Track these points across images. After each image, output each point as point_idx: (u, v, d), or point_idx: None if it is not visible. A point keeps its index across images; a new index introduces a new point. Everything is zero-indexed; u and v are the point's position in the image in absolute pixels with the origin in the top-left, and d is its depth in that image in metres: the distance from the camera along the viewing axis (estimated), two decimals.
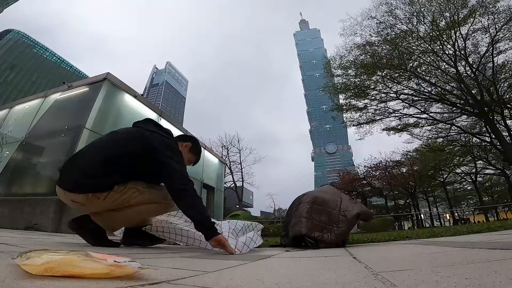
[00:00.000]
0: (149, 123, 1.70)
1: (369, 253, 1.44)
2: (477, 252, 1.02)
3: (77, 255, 0.54)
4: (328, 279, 0.62)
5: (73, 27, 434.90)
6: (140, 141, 1.54)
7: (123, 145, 1.53)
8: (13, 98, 59.88)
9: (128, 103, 5.59)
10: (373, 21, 14.82)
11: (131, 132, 1.63)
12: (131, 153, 1.50)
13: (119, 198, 1.48)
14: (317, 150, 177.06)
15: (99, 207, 1.49)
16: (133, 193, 1.51)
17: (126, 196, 1.49)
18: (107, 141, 1.60)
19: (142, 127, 1.65)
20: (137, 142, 1.53)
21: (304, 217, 1.99)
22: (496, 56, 13.13)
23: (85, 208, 1.50)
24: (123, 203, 1.50)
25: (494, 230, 2.83)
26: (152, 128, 1.65)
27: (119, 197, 1.48)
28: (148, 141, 1.54)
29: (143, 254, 1.24)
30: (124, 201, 1.50)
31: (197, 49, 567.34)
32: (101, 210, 1.51)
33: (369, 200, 24.72)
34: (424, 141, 17.73)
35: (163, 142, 1.57)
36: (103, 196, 1.44)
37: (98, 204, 1.46)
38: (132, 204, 1.52)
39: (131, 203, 1.51)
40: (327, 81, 18.25)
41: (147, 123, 1.70)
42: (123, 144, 1.54)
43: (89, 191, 1.43)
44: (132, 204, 1.52)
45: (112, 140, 1.59)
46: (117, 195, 1.47)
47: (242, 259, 1.15)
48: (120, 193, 1.48)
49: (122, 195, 1.48)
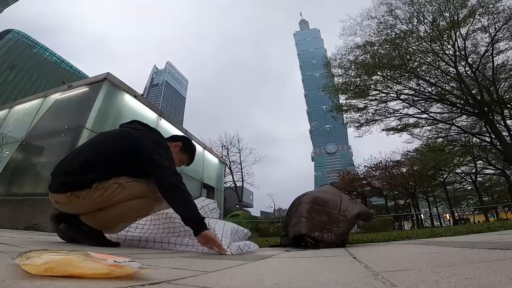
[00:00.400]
0: (135, 123, 1.69)
1: (369, 253, 1.43)
2: (477, 252, 1.02)
3: (77, 255, 0.54)
4: (328, 279, 0.62)
5: (73, 27, 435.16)
6: (125, 139, 1.51)
7: (106, 144, 1.51)
8: (13, 98, 59.89)
9: (128, 103, 5.59)
10: (373, 21, 14.85)
11: (115, 132, 1.62)
12: (115, 152, 1.47)
13: (100, 196, 1.42)
14: (317, 150, 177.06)
15: (81, 207, 1.44)
16: (116, 189, 1.44)
17: (108, 193, 1.43)
18: (90, 142, 1.61)
19: (128, 127, 1.63)
20: (122, 140, 1.51)
21: (304, 217, 1.99)
22: (496, 56, 13.16)
23: (68, 208, 1.46)
24: (107, 201, 1.44)
25: (494, 230, 2.83)
26: (139, 127, 1.64)
27: (100, 194, 1.41)
28: (134, 138, 1.51)
29: (143, 254, 1.24)
30: (107, 198, 1.43)
31: (197, 49, 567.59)
32: (86, 211, 1.47)
33: (369, 200, 24.71)
34: (424, 141, 17.75)
35: (150, 138, 1.55)
36: (83, 195, 1.40)
37: (79, 203, 1.41)
38: (116, 201, 1.45)
39: (115, 200, 1.45)
40: (327, 81, 18.26)
41: (133, 123, 1.69)
42: (106, 143, 1.52)
43: (68, 190, 1.40)
44: (116, 201, 1.45)
45: (95, 140, 1.60)
46: (98, 192, 1.41)
47: (242, 259, 1.15)
48: (100, 190, 1.42)
49: (103, 192, 1.42)
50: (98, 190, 1.42)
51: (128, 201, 1.48)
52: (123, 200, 1.47)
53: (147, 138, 1.54)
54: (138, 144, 1.49)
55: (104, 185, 1.43)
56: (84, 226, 1.46)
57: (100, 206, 1.46)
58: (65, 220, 1.51)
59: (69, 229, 1.50)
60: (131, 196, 1.48)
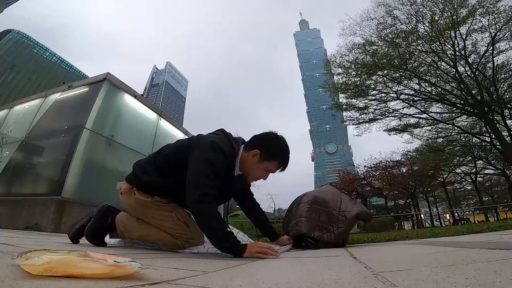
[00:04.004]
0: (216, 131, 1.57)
1: (369, 253, 1.43)
2: (477, 252, 1.02)
3: (77, 255, 0.54)
4: (328, 279, 0.62)
5: (73, 27, 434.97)
6: (187, 144, 1.44)
7: (175, 150, 1.48)
8: (13, 98, 59.80)
9: (128, 103, 5.58)
10: (372, 22, 14.84)
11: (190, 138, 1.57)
12: (178, 158, 1.40)
13: (150, 209, 1.43)
14: (317, 150, 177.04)
15: (128, 203, 1.48)
16: (167, 216, 1.41)
17: (157, 213, 1.42)
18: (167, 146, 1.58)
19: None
20: (185, 146, 1.44)
21: (304, 217, 1.99)
22: (496, 56, 13.15)
23: (121, 197, 1.51)
24: (149, 216, 1.45)
25: (494, 230, 2.82)
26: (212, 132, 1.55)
27: (151, 207, 1.42)
28: (191, 141, 1.43)
29: (143, 254, 1.24)
30: (151, 215, 1.43)
31: (197, 49, 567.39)
32: (129, 210, 1.52)
33: (369, 200, 24.70)
34: (424, 141, 17.74)
35: (204, 137, 1.42)
36: (138, 196, 1.43)
37: (128, 199, 1.46)
38: (154, 223, 1.44)
39: (154, 222, 1.44)
40: (327, 78, 18.25)
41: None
42: (175, 149, 1.48)
43: (133, 184, 1.46)
44: (154, 223, 1.44)
45: (169, 145, 1.58)
46: (151, 205, 1.41)
47: (241, 259, 1.15)
48: (155, 205, 1.41)
49: (156, 210, 1.42)
50: (155, 203, 1.42)
51: (161, 231, 1.44)
52: (159, 227, 1.44)
53: (201, 137, 1.45)
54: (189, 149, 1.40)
55: (162, 205, 1.43)
56: (107, 220, 1.51)
57: (139, 215, 1.49)
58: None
59: (102, 209, 1.55)
60: (168, 229, 1.43)
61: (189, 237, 1.43)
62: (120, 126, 5.28)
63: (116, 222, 1.51)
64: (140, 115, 5.86)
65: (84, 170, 4.29)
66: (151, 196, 1.42)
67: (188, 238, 1.43)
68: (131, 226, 1.50)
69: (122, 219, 1.52)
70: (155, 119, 6.30)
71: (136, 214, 1.50)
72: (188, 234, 1.42)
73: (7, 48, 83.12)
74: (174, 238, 1.43)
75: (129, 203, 1.47)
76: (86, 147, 4.36)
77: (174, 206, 1.44)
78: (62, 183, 3.97)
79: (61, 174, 4.12)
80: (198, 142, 1.39)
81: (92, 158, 4.53)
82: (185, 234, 1.42)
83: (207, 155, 1.29)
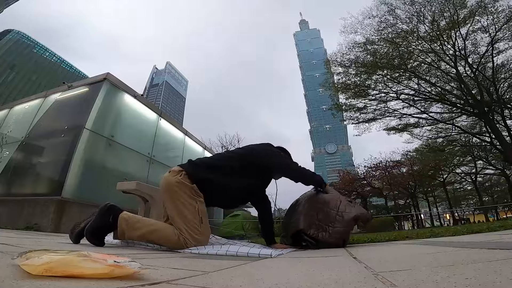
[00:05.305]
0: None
1: (369, 253, 1.43)
2: (477, 252, 1.02)
3: (77, 255, 0.54)
4: (328, 279, 0.62)
5: (73, 27, 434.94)
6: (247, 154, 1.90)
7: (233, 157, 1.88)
8: (13, 98, 59.81)
9: (128, 103, 5.58)
10: (374, 20, 14.83)
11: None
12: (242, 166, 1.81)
13: (180, 193, 1.58)
14: (317, 150, 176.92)
15: (168, 181, 1.61)
16: (191, 203, 1.58)
17: (184, 196, 1.58)
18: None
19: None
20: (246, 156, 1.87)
21: (303, 214, 2.01)
22: (496, 56, 13.15)
23: (166, 174, 1.66)
24: (173, 197, 1.59)
25: (494, 230, 2.82)
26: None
27: (179, 190, 1.58)
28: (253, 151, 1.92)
29: (143, 254, 1.24)
30: (177, 197, 1.58)
31: (197, 49, 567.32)
32: (163, 188, 1.64)
33: (369, 200, 24.68)
34: (424, 141, 17.73)
35: (264, 149, 2.01)
36: (184, 180, 1.60)
37: (172, 178, 1.61)
38: (174, 207, 1.57)
39: (175, 204, 1.57)
40: (327, 77, 18.22)
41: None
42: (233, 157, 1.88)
43: (185, 169, 1.66)
44: (174, 207, 1.57)
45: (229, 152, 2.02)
46: (186, 191, 1.59)
47: (242, 259, 1.15)
48: (186, 193, 1.59)
49: (184, 194, 1.58)
50: (191, 189, 1.60)
51: (164, 229, 1.55)
52: (177, 212, 1.56)
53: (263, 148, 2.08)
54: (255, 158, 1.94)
55: (193, 194, 1.61)
56: (109, 219, 1.54)
57: (167, 194, 1.60)
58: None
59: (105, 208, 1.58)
60: (183, 218, 1.54)
61: (197, 232, 1.53)
62: (120, 126, 5.28)
63: (119, 220, 1.52)
64: (140, 115, 5.86)
65: (84, 170, 4.29)
66: (192, 182, 1.62)
67: (196, 233, 1.53)
68: (134, 224, 1.52)
69: (125, 217, 1.54)
70: (155, 119, 6.30)
71: (165, 192, 1.62)
72: (197, 230, 1.54)
73: (7, 48, 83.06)
74: (179, 234, 1.51)
75: (169, 181, 1.61)
76: (86, 147, 4.37)
77: (201, 201, 1.62)
78: (62, 183, 3.97)
79: (61, 174, 4.12)
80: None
81: (92, 158, 4.53)
82: (195, 229, 1.53)
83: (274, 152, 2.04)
